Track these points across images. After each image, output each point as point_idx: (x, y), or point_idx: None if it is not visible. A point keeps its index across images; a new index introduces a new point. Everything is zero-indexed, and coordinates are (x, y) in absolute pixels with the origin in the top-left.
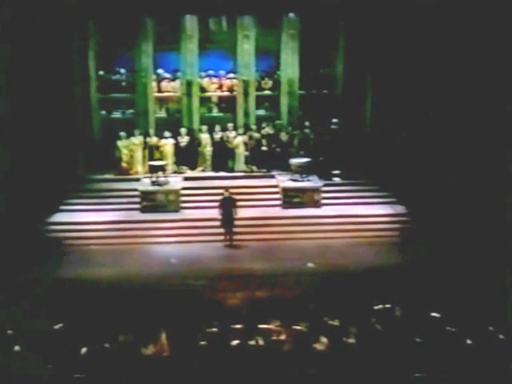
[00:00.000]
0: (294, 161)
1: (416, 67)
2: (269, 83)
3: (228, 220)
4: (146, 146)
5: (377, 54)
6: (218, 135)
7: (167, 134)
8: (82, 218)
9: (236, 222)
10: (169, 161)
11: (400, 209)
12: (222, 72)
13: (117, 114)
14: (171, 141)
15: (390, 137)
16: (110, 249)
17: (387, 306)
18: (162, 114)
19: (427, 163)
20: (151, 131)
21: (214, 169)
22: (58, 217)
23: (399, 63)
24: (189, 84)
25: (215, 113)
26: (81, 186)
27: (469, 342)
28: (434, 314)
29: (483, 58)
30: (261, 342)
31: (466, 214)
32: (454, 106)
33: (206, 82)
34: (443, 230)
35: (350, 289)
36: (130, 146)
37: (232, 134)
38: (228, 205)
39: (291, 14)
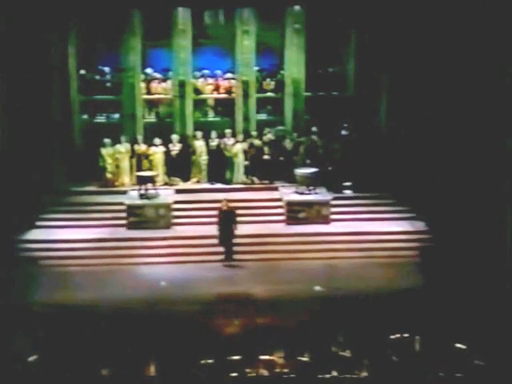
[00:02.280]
0: (300, 171)
1: (437, 63)
2: (271, 84)
3: (228, 237)
4: (133, 154)
5: (393, 49)
6: (214, 142)
7: (157, 141)
8: (60, 236)
9: (235, 240)
10: (159, 171)
11: (419, 225)
12: (218, 71)
13: (100, 119)
14: (162, 149)
15: (408, 144)
16: (91, 270)
17: (405, 335)
18: (152, 118)
19: (450, 174)
20: (139, 138)
21: (210, 180)
22: (34, 234)
23: (418, 60)
24: (181, 85)
25: (211, 117)
26: (59, 200)
27: (499, 377)
28: (459, 345)
29: (501, 56)
30: (264, 373)
31: (491, 232)
32: (479, 110)
33: (200, 82)
34: (467, 249)
35: (363, 315)
36: (116, 155)
37: (230, 141)
38: (227, 219)
39: (296, 6)
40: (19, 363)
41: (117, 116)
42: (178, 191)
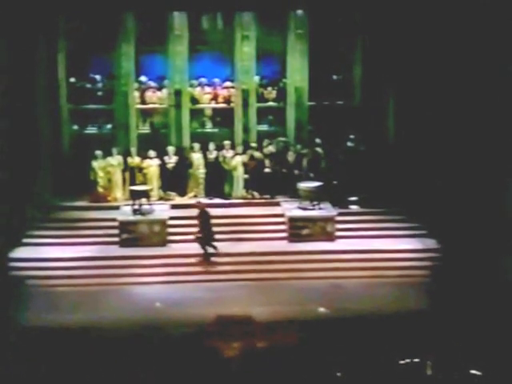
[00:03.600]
0: (303, 185)
1: (448, 70)
2: (273, 93)
3: (210, 236)
4: (126, 167)
5: (401, 55)
6: (212, 155)
7: (152, 153)
8: (48, 254)
9: (232, 259)
10: (154, 185)
11: (430, 243)
12: (216, 80)
13: (91, 129)
14: (156, 161)
15: (418, 156)
16: (81, 291)
17: (415, 360)
18: (146, 129)
19: (464, 189)
20: (133, 150)
21: (208, 195)
22: (20, 252)
23: (427, 67)
24: (177, 94)
25: (209, 128)
26: (48, 215)
27: None
28: (473, 372)
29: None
30: None
31: (507, 252)
32: (495, 120)
33: (197, 91)
34: (481, 268)
35: (370, 339)
36: (108, 168)
37: (229, 153)
38: (206, 219)
39: (299, 10)
40: None
41: (109, 127)
42: (174, 206)
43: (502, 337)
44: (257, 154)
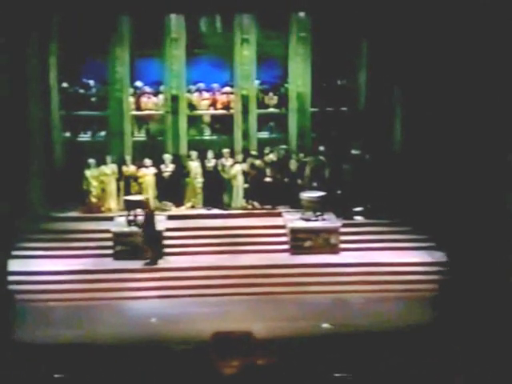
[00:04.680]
0: (306, 195)
1: (459, 75)
2: (274, 98)
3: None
4: (120, 176)
5: (408, 60)
6: (210, 163)
7: (147, 161)
8: (39, 267)
9: (231, 272)
10: (149, 195)
11: (439, 256)
12: (215, 85)
13: (84, 137)
14: (152, 170)
15: (426, 164)
16: (74, 305)
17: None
18: (142, 136)
19: (474, 199)
20: (127, 158)
21: (206, 205)
22: (10, 265)
23: (436, 72)
24: (174, 99)
25: (207, 135)
26: (38, 226)
27: None
28: None
29: None
30: None
31: None
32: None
33: (195, 97)
34: (492, 283)
35: (375, 356)
36: (101, 177)
37: (228, 161)
38: (152, 221)
39: (301, 13)
40: None
41: (102, 134)
42: (171, 217)
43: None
44: (257, 163)
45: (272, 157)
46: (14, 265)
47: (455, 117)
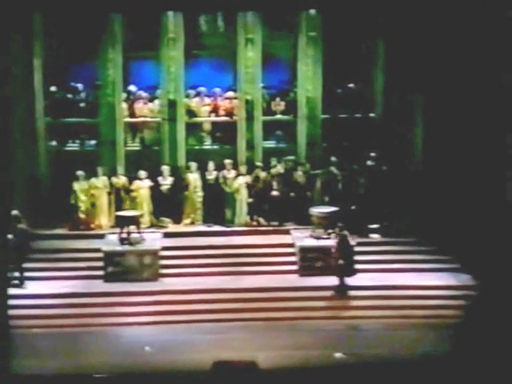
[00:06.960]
0: (316, 210)
1: (482, 81)
2: (281, 104)
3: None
4: (112, 189)
5: (428, 63)
6: (211, 175)
7: (142, 173)
8: (23, 290)
9: (234, 295)
10: (144, 210)
11: (464, 279)
12: (217, 89)
13: (73, 146)
14: (148, 183)
15: (449, 178)
16: (62, 332)
17: None
18: (136, 145)
19: (503, 217)
20: (120, 169)
21: (206, 221)
22: None
23: (458, 75)
24: (172, 105)
25: (208, 145)
26: None
27: None
28: None
29: None
30: None
31: None
32: None
33: (195, 102)
34: None
35: None
36: (91, 190)
37: (231, 173)
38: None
39: (311, 10)
40: None
41: (93, 143)
42: (168, 235)
43: None
44: (263, 175)
45: (279, 168)
46: None
47: (482, 127)
